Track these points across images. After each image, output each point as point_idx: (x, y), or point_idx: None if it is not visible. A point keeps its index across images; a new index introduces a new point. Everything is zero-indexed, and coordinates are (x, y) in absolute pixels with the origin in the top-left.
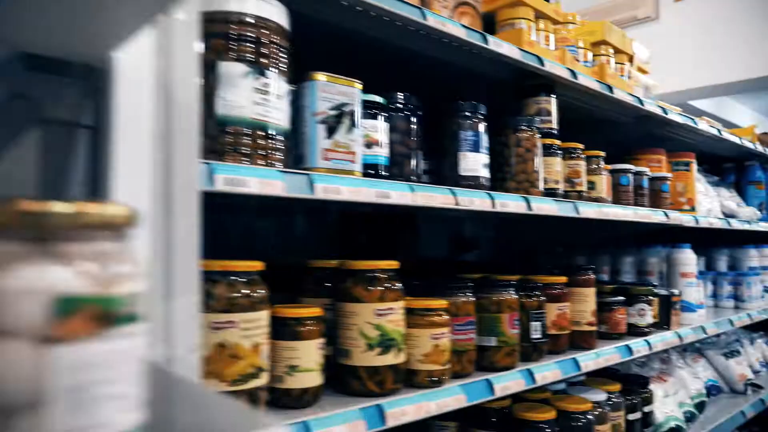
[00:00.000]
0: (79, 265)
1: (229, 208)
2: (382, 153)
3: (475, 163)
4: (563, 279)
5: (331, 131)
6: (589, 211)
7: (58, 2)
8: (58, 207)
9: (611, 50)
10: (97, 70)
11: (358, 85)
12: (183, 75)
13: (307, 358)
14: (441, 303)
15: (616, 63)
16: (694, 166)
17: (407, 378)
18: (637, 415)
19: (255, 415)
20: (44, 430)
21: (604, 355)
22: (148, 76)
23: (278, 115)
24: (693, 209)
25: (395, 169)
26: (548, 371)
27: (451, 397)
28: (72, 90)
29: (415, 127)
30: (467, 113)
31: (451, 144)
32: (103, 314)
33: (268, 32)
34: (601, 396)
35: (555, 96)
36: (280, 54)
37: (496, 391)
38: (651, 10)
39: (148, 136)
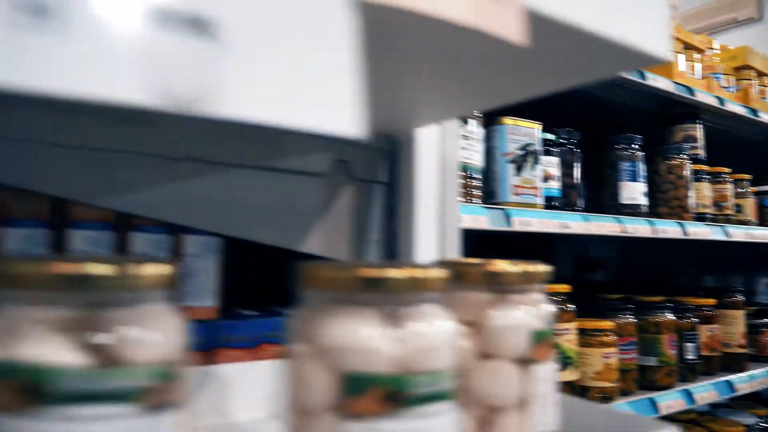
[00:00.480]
0: (526, 309)
1: None
2: (555, 186)
3: (634, 191)
4: (713, 301)
5: (519, 169)
6: (738, 233)
7: (400, 105)
8: (511, 267)
9: (753, 73)
10: (397, 140)
11: (538, 126)
12: (451, 143)
13: None
14: (609, 324)
15: (758, 85)
16: None
17: (581, 394)
18: None
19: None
20: (526, 423)
21: (758, 378)
22: (434, 146)
23: (476, 157)
24: None
25: (564, 200)
26: (705, 392)
27: None
28: (373, 153)
29: (577, 159)
30: (625, 145)
31: (610, 174)
32: (549, 343)
33: None
34: (750, 419)
35: (701, 122)
36: None
37: (660, 409)
38: (753, 11)
39: (434, 191)
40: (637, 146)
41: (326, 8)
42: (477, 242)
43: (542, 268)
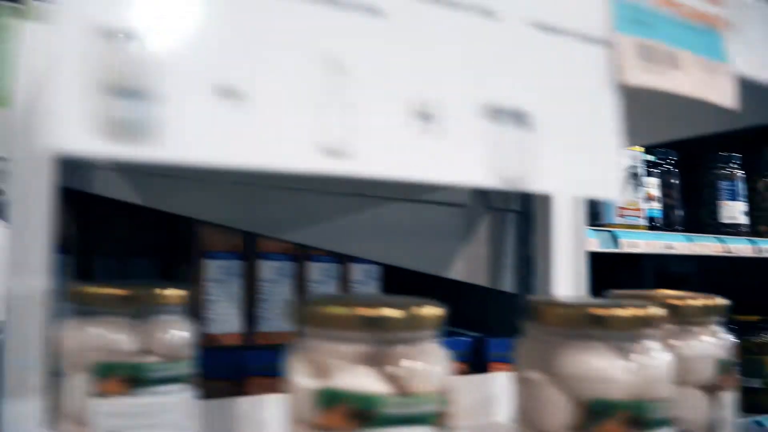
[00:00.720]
0: (708, 339)
1: None
2: (656, 206)
3: (734, 210)
4: None
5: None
6: None
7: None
8: (692, 301)
9: None
10: None
11: (641, 148)
12: None
13: None
14: None
15: None
16: None
17: None
18: None
19: None
20: None
21: None
22: None
23: None
24: None
25: (664, 220)
26: None
27: None
28: None
29: (675, 179)
30: (723, 164)
31: (709, 194)
32: (732, 371)
33: None
34: None
35: None
36: None
37: None
38: None
39: (567, 218)
40: (735, 165)
41: (599, 94)
42: None
43: (720, 301)
